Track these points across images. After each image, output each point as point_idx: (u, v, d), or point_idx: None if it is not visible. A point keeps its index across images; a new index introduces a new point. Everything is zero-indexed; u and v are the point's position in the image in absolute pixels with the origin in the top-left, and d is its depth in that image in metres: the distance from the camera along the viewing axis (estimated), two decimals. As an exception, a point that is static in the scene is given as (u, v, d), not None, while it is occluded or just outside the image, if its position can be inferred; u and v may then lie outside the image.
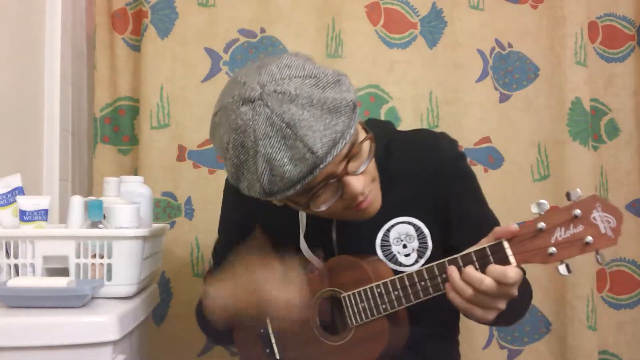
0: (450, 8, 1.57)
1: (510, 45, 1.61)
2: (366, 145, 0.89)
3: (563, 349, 1.56)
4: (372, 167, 0.91)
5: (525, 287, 1.03)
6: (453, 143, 1.05)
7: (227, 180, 1.15)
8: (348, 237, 1.01)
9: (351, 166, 0.87)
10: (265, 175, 0.82)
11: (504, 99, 1.60)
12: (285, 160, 0.80)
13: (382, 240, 1.00)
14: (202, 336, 1.45)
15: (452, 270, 0.82)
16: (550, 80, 1.60)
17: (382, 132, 1.05)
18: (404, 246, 0.99)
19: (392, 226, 1.00)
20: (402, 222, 1.00)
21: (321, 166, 0.81)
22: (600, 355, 1.61)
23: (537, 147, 1.60)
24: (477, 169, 1.54)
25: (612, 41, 1.68)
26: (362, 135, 0.89)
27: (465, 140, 1.55)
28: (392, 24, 1.56)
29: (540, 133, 1.60)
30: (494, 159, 1.57)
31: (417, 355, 1.01)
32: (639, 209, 1.66)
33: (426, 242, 1.00)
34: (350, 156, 0.86)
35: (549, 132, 1.60)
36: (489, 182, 1.53)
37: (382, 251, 0.99)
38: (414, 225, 1.00)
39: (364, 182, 0.88)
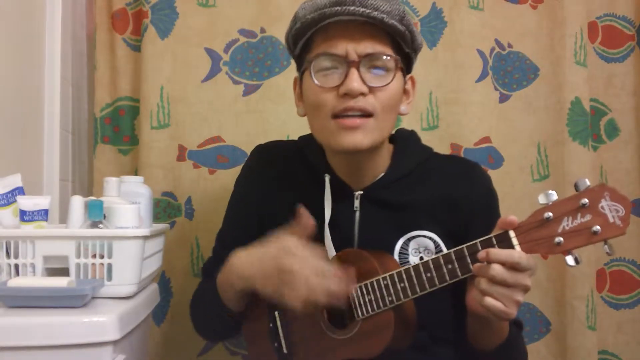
0: (450, 8, 1.57)
1: (510, 46, 1.61)
2: (390, 75, 0.96)
3: (563, 349, 1.56)
4: (383, 99, 0.96)
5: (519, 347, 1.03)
6: (487, 179, 1.09)
7: (243, 168, 1.18)
8: (368, 237, 1.02)
9: (364, 69, 0.94)
10: (304, 3, 0.98)
11: (503, 99, 1.60)
12: None
13: (401, 247, 1.01)
14: (202, 336, 1.47)
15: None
16: (550, 80, 1.60)
17: (422, 148, 1.10)
18: (421, 259, 1.00)
19: (414, 237, 1.01)
20: (425, 236, 1.02)
21: (345, 7, 0.90)
22: (600, 355, 1.61)
23: (536, 147, 1.60)
24: (477, 169, 1.55)
25: (612, 41, 1.68)
26: (396, 70, 0.97)
27: (465, 140, 1.55)
28: (392, 24, 1.56)
29: (540, 133, 1.60)
30: (493, 159, 1.57)
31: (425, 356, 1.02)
32: (639, 209, 1.66)
33: None
34: (371, 57, 0.94)
35: (549, 132, 1.60)
36: (488, 182, 1.54)
37: (399, 258, 1.00)
38: (435, 242, 1.01)
39: (366, 91, 0.93)
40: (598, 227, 0.77)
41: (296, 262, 0.88)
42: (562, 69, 1.58)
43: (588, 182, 0.79)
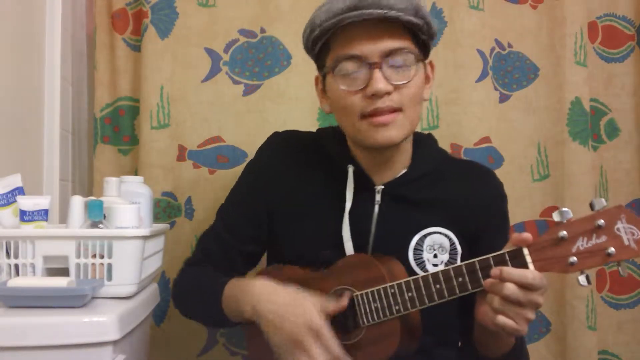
0: (450, 8, 1.57)
1: (510, 45, 1.61)
2: (412, 68, 0.97)
3: (563, 348, 1.56)
4: (408, 94, 0.97)
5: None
6: (500, 184, 1.12)
7: (257, 153, 1.18)
8: (385, 231, 1.03)
9: (386, 67, 0.95)
10: (320, 9, 0.98)
11: (503, 99, 1.60)
12: None
13: (416, 243, 1.02)
14: (202, 336, 1.47)
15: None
16: (550, 80, 1.60)
17: (440, 150, 1.14)
18: (435, 256, 1.01)
19: (430, 234, 1.03)
20: (440, 233, 1.03)
21: (362, 11, 0.92)
22: (600, 355, 1.61)
23: (536, 147, 1.60)
24: (477, 169, 1.55)
25: (612, 41, 1.68)
26: (416, 63, 0.98)
27: (465, 140, 1.55)
28: (392, 24, 1.56)
29: (540, 133, 1.60)
30: (493, 159, 1.57)
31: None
32: (639, 208, 1.66)
33: (456, 259, 1.02)
34: (391, 54, 0.95)
35: (549, 132, 1.60)
36: (488, 182, 1.54)
37: (414, 254, 1.01)
38: (450, 240, 1.03)
39: (391, 90, 0.94)
40: (613, 249, 0.78)
41: (316, 348, 0.87)
42: (562, 69, 1.58)
43: (604, 202, 0.79)
